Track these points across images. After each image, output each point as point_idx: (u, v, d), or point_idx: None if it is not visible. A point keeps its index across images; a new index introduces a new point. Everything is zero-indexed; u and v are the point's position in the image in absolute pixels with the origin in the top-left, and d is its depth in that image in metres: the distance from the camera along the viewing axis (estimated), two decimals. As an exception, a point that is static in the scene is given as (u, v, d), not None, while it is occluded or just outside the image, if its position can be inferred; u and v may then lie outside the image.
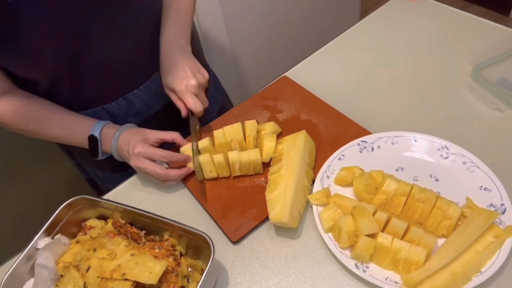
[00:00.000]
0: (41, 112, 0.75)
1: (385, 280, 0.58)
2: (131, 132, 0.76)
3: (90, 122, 0.77)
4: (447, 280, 0.56)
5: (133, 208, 0.63)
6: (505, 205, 0.62)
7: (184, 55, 0.78)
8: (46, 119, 0.76)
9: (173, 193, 0.77)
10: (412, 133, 0.73)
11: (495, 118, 0.78)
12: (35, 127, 0.76)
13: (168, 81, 0.76)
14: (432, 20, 1.00)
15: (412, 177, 0.69)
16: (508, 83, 0.81)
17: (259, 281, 0.63)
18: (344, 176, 0.69)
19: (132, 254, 0.59)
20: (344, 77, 0.92)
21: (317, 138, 0.78)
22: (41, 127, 0.76)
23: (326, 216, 0.64)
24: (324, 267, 0.63)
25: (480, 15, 0.97)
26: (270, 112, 0.86)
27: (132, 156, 0.73)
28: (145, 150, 0.72)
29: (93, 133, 0.76)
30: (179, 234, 0.62)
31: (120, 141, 0.75)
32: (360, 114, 0.81)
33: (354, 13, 2.06)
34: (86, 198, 0.65)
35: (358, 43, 0.99)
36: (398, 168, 0.71)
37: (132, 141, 0.73)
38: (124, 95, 0.83)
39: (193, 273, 0.62)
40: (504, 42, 0.89)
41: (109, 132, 0.76)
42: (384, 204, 0.65)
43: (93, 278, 0.57)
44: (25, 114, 0.74)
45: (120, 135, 0.76)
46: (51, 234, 0.63)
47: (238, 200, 0.72)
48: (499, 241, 0.58)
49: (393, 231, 0.61)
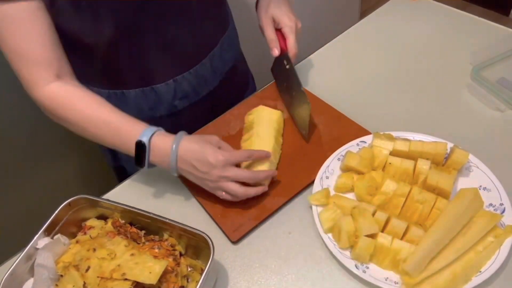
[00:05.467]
0: (91, 105, 0.68)
1: (385, 281, 0.58)
2: (191, 141, 0.67)
3: (139, 126, 0.68)
4: (447, 280, 0.56)
5: (133, 208, 0.63)
6: (504, 205, 0.62)
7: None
8: (94, 114, 0.68)
9: (173, 193, 0.77)
10: (412, 133, 0.73)
11: (495, 118, 0.78)
12: (81, 121, 0.68)
13: (276, 12, 0.79)
14: (432, 20, 1.00)
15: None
16: (508, 83, 0.81)
17: (259, 281, 0.63)
18: (343, 183, 0.69)
19: (131, 254, 0.59)
20: (344, 77, 0.92)
21: (317, 138, 0.79)
22: (88, 123, 0.68)
23: (326, 216, 0.64)
24: (324, 268, 0.63)
25: (480, 15, 0.97)
26: (270, 112, 0.86)
27: (213, 173, 0.65)
28: (233, 174, 0.65)
29: (141, 139, 0.65)
30: (178, 234, 0.62)
31: (183, 153, 0.66)
32: (360, 114, 0.81)
33: (354, 13, 2.06)
34: (85, 198, 0.65)
35: (358, 43, 0.99)
36: (398, 168, 0.71)
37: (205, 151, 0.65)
38: (174, 77, 0.81)
39: (193, 273, 0.62)
40: (504, 42, 0.89)
41: (162, 141, 0.66)
42: (383, 205, 0.65)
43: (92, 278, 0.57)
44: (76, 103, 0.68)
45: (179, 145, 0.66)
46: (51, 234, 0.63)
47: (238, 200, 0.72)
48: (498, 241, 0.58)
49: (393, 231, 0.61)
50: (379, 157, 0.70)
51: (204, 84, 0.86)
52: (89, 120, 0.68)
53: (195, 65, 0.82)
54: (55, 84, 0.67)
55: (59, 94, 0.67)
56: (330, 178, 0.71)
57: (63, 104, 0.67)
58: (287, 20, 0.80)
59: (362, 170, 0.69)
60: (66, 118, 0.68)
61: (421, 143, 0.69)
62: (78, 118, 0.68)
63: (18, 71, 0.66)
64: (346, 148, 0.74)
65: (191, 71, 0.82)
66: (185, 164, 0.66)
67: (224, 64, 0.87)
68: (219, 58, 0.85)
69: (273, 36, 0.82)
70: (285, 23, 0.80)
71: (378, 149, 0.70)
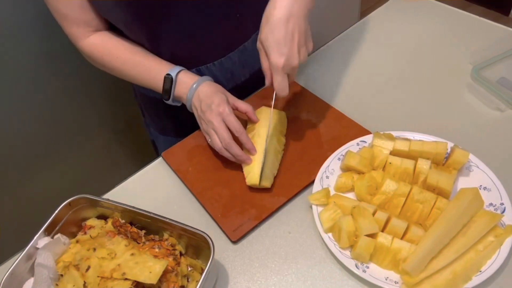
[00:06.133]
0: (125, 51, 0.78)
1: (385, 280, 0.58)
2: (211, 86, 0.75)
3: (168, 65, 0.78)
4: (447, 279, 0.56)
5: (133, 208, 0.63)
6: (504, 204, 0.62)
7: (297, 8, 0.61)
8: (129, 58, 0.78)
9: (173, 193, 0.77)
10: (411, 133, 0.73)
11: (495, 118, 0.78)
12: (118, 65, 0.79)
13: (269, 39, 0.61)
14: (432, 20, 1.00)
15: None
16: (508, 83, 0.81)
17: (259, 280, 0.63)
18: (343, 183, 0.69)
19: (132, 254, 0.59)
20: (344, 77, 0.92)
21: (317, 138, 0.79)
22: (123, 66, 0.79)
23: (326, 216, 0.64)
24: (324, 267, 0.63)
25: (480, 15, 0.97)
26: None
27: (211, 111, 0.71)
28: (227, 113, 0.70)
29: (170, 73, 0.75)
30: (179, 233, 0.62)
31: (200, 91, 0.74)
32: (360, 114, 0.81)
33: (354, 13, 2.06)
34: (86, 197, 0.65)
35: (358, 43, 0.99)
36: (398, 168, 0.71)
37: (215, 97, 0.72)
38: (197, 67, 0.82)
39: (193, 272, 0.62)
40: (504, 42, 0.89)
41: (186, 78, 0.76)
42: (383, 205, 0.65)
43: (93, 278, 0.57)
44: (112, 50, 0.78)
45: (200, 85, 0.75)
46: (51, 234, 0.63)
47: (238, 199, 0.72)
48: (499, 240, 0.58)
49: (393, 231, 0.61)
50: (379, 156, 0.70)
51: (230, 77, 0.86)
52: (123, 62, 0.78)
53: (220, 58, 0.82)
54: (93, 36, 0.78)
55: (97, 44, 0.78)
56: (330, 177, 0.71)
57: (102, 51, 0.78)
58: (275, 58, 0.62)
59: (362, 170, 0.69)
60: (104, 63, 0.80)
61: (421, 142, 0.69)
62: (114, 62, 0.79)
63: (64, 28, 0.77)
64: (346, 148, 0.74)
65: (215, 63, 0.82)
66: (196, 100, 0.75)
67: (257, 59, 0.82)
68: (252, 53, 0.85)
69: (265, 66, 0.67)
70: (272, 63, 0.62)
71: (378, 149, 0.70)
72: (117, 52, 0.78)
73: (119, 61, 0.78)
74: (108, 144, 1.37)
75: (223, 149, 0.72)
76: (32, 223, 0.69)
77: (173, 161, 0.80)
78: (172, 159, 0.81)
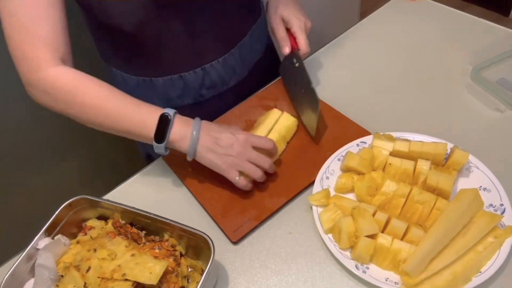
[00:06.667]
0: (100, 91, 0.66)
1: (385, 281, 0.58)
2: (215, 124, 0.71)
3: (155, 109, 0.68)
4: (447, 280, 0.56)
5: (133, 208, 0.63)
6: (504, 205, 0.62)
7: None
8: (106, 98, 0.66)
9: (173, 192, 0.77)
10: (411, 134, 0.73)
11: (495, 118, 0.78)
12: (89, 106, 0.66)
13: (286, 12, 0.82)
14: (432, 20, 1.00)
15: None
16: (507, 83, 0.81)
17: (259, 281, 0.63)
18: (343, 183, 0.69)
19: (132, 255, 0.59)
20: (344, 77, 0.92)
21: (317, 139, 0.79)
22: (96, 109, 0.66)
23: (326, 217, 0.64)
24: (324, 268, 0.63)
25: (480, 16, 0.97)
26: (270, 113, 0.86)
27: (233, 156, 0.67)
28: (254, 156, 0.68)
29: (167, 111, 0.67)
30: (179, 234, 0.62)
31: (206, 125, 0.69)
32: (360, 114, 0.81)
33: (354, 13, 2.05)
34: (86, 198, 0.65)
35: (358, 43, 0.99)
36: (398, 168, 0.71)
37: (229, 127, 0.71)
38: (202, 65, 0.81)
39: (193, 273, 0.62)
40: (503, 42, 0.89)
41: (184, 118, 0.69)
42: (383, 205, 0.65)
43: (93, 279, 0.57)
44: (81, 91, 0.65)
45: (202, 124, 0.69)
46: (52, 235, 0.63)
47: (238, 200, 0.72)
48: (498, 241, 0.58)
49: (393, 232, 0.61)
50: (379, 157, 0.70)
51: (233, 73, 0.86)
52: (99, 106, 0.65)
53: (224, 54, 0.82)
54: (61, 67, 0.65)
55: (69, 74, 0.65)
56: (330, 178, 0.71)
57: (73, 86, 0.65)
58: (296, 20, 0.82)
59: (362, 171, 0.69)
60: (71, 102, 0.65)
61: (421, 143, 0.69)
62: (87, 102, 0.65)
63: (21, 50, 0.63)
64: (346, 149, 0.74)
65: (219, 60, 0.82)
66: (208, 138, 0.67)
67: (253, 54, 0.87)
68: (249, 48, 0.86)
69: (283, 35, 0.84)
70: (294, 23, 0.82)
71: (378, 150, 0.70)
72: (91, 90, 0.66)
73: (93, 102, 0.66)
74: (108, 145, 1.37)
75: (250, 185, 0.70)
76: (33, 224, 0.69)
77: (173, 162, 0.80)
78: (172, 160, 0.81)
